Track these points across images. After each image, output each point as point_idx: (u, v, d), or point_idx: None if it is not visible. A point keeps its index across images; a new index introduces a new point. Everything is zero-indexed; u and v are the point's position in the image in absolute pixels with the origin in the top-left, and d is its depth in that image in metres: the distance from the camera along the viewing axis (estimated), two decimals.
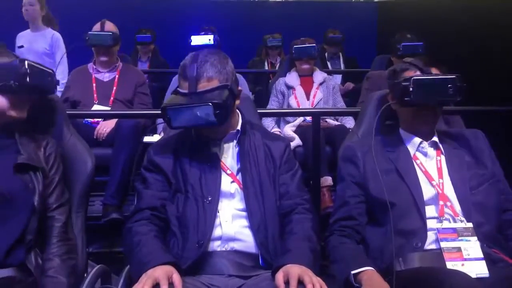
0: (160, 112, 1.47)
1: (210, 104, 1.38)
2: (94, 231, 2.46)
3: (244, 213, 1.46)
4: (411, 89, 1.51)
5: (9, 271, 1.34)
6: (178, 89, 1.48)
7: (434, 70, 1.61)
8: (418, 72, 1.59)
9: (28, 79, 1.42)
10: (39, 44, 3.74)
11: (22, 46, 3.75)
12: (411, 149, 1.60)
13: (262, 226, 1.43)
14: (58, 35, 3.79)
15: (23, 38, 3.83)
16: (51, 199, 1.48)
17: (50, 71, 1.56)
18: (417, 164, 1.57)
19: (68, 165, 1.59)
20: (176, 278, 1.24)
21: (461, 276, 1.24)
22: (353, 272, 1.36)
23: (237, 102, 1.54)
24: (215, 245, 1.42)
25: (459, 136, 1.66)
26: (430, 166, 1.58)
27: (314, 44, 3.43)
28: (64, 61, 3.67)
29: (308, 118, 3.09)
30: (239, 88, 1.54)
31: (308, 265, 1.28)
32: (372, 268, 1.37)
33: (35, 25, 3.79)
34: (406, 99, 1.54)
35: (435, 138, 1.62)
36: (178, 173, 1.49)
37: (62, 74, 3.57)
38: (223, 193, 1.47)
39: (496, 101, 2.95)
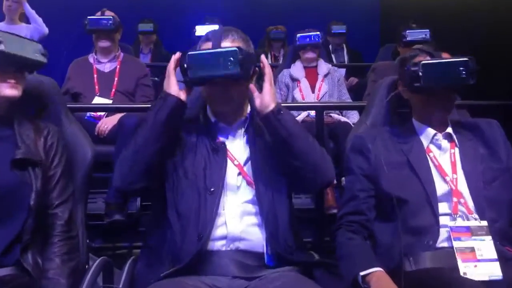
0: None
1: (236, 48, 1.36)
2: (95, 226, 2.44)
3: (252, 206, 1.41)
4: (420, 73, 1.44)
5: (5, 271, 1.31)
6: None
7: (444, 55, 1.55)
8: (428, 57, 1.52)
9: (3, 47, 1.33)
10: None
11: None
12: (424, 141, 1.54)
13: (272, 217, 1.39)
14: (32, 26, 3.92)
15: (4, 29, 3.85)
16: (53, 194, 1.42)
17: (35, 42, 1.46)
18: (430, 158, 1.51)
19: (67, 154, 1.53)
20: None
21: (471, 285, 1.21)
22: (361, 273, 1.32)
23: (252, 81, 1.50)
24: (219, 244, 1.37)
25: (473, 126, 1.59)
26: (444, 159, 1.52)
27: (318, 32, 3.41)
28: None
29: (312, 113, 3.04)
30: (257, 68, 1.51)
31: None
32: (381, 269, 1.33)
33: (13, 20, 3.86)
34: (416, 84, 1.46)
35: (449, 129, 1.56)
36: (182, 162, 1.44)
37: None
38: (229, 186, 1.43)
39: (506, 93, 2.90)
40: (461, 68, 1.44)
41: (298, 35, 3.42)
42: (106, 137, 2.70)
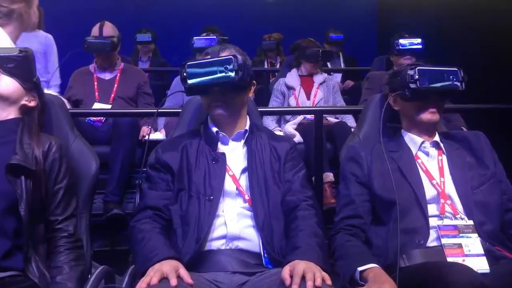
0: (160, 110, 1.49)
1: (231, 57, 1.45)
2: (96, 229, 2.48)
3: (249, 213, 1.47)
4: (416, 76, 1.57)
5: (6, 274, 1.32)
6: None
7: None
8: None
9: None
10: (33, 45, 3.75)
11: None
12: (413, 148, 1.63)
13: (267, 225, 1.45)
14: (51, 37, 3.81)
15: None
16: (58, 211, 1.44)
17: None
18: (419, 164, 1.59)
19: (72, 168, 1.57)
20: (184, 272, 1.26)
21: (463, 269, 1.27)
22: (359, 268, 1.37)
23: (250, 94, 1.60)
24: (220, 244, 1.43)
25: (460, 138, 1.68)
26: (432, 165, 1.60)
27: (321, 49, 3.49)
28: (57, 63, 3.69)
29: (309, 116, 3.11)
30: (254, 81, 1.60)
31: (317, 260, 1.30)
32: (378, 266, 1.38)
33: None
34: (412, 86, 1.57)
35: (437, 138, 1.65)
36: (184, 171, 1.51)
37: (55, 75, 3.61)
38: (227, 193, 1.49)
39: (503, 98, 2.94)
40: (452, 76, 1.59)
41: (309, 48, 3.42)
42: (101, 138, 2.76)
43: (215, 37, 3.51)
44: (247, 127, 1.59)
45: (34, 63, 1.57)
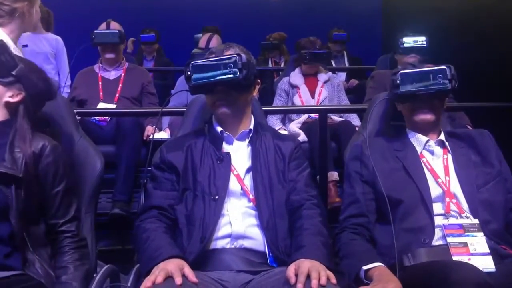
0: (165, 109, 1.50)
1: (236, 55, 1.46)
2: (101, 228, 2.49)
3: (254, 212, 1.48)
4: (398, 81, 1.58)
5: (11, 273, 1.32)
6: None
7: (428, 66, 1.64)
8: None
9: None
10: (45, 47, 3.78)
11: (26, 46, 3.75)
12: (418, 147, 1.63)
13: (271, 224, 1.45)
14: (60, 39, 3.83)
15: (26, 37, 3.83)
16: (59, 214, 1.42)
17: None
18: (424, 163, 1.59)
19: (78, 167, 1.59)
20: (188, 270, 1.26)
21: (469, 268, 1.26)
22: (364, 267, 1.36)
23: (254, 93, 1.61)
24: (224, 243, 1.44)
25: (465, 136, 1.68)
26: (437, 164, 1.60)
27: (326, 50, 3.46)
28: (67, 64, 3.72)
29: (313, 115, 3.11)
30: (258, 80, 1.61)
31: (322, 259, 1.30)
32: (383, 265, 1.38)
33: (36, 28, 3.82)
34: (395, 92, 1.60)
35: (442, 137, 1.65)
36: (189, 171, 1.52)
37: (65, 76, 3.64)
38: (232, 192, 1.49)
39: (508, 96, 2.93)
40: (439, 76, 1.57)
41: (308, 52, 3.35)
42: (106, 138, 2.77)
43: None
44: (251, 127, 1.60)
45: (11, 54, 1.43)
